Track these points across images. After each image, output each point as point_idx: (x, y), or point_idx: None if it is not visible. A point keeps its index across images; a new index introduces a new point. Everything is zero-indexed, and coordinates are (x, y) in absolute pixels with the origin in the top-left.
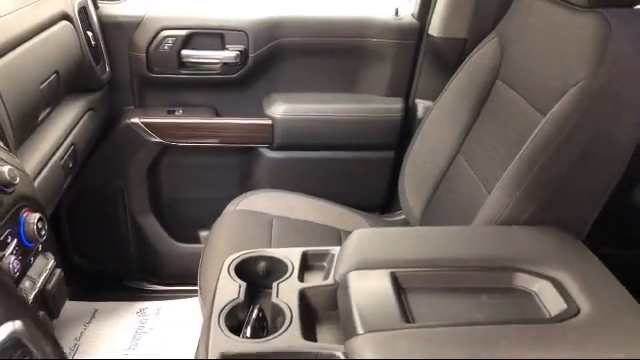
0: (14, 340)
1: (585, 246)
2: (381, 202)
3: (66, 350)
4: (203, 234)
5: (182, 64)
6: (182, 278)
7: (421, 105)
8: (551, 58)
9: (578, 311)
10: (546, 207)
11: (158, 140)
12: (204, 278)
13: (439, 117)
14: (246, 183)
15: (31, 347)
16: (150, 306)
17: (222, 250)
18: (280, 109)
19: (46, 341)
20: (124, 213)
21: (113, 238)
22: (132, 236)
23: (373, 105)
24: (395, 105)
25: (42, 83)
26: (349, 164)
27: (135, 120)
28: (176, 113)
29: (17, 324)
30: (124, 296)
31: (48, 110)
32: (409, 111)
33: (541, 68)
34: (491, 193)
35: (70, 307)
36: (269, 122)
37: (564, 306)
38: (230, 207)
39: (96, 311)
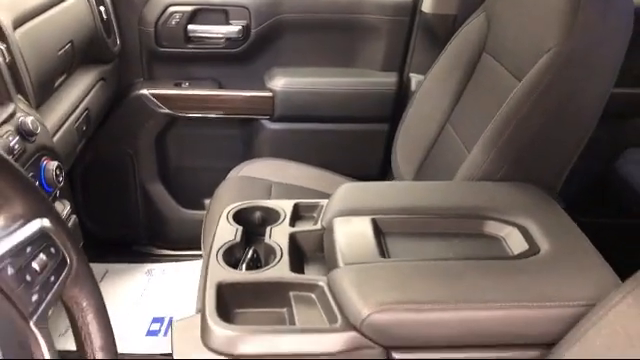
0: (43, 234)
1: (552, 199)
2: (376, 171)
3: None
4: (207, 201)
5: (188, 39)
6: (187, 243)
7: (415, 79)
8: (528, 29)
9: (538, 251)
10: (519, 164)
11: (166, 111)
12: (207, 237)
13: (430, 89)
14: (248, 153)
15: (57, 242)
16: (157, 267)
17: None
18: (280, 82)
19: (69, 240)
20: (134, 181)
21: (123, 205)
22: (141, 203)
23: (369, 79)
24: (390, 79)
25: (59, 50)
26: (345, 135)
27: (144, 92)
28: (182, 85)
29: (45, 221)
30: (133, 259)
31: (64, 77)
32: (403, 85)
33: (520, 39)
34: (470, 153)
35: None
36: (270, 95)
37: (526, 247)
38: (232, 174)
39: (107, 272)
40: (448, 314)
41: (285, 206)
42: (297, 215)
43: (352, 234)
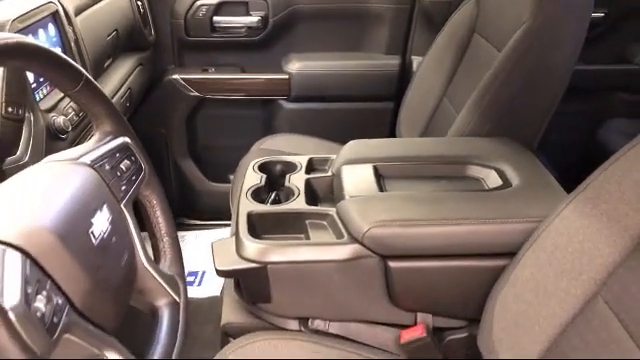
0: (126, 147)
1: (527, 149)
2: None
3: None
4: (232, 176)
5: (214, 29)
6: (215, 213)
7: (416, 61)
8: (509, 8)
9: (510, 185)
10: (500, 123)
11: (195, 94)
12: (234, 202)
13: (428, 69)
14: (267, 130)
15: (136, 154)
16: (189, 234)
17: None
18: (296, 66)
19: (143, 154)
20: (166, 157)
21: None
22: (173, 177)
23: (374, 61)
24: (393, 61)
25: (107, 36)
26: (354, 113)
27: (176, 77)
28: (209, 71)
29: (126, 138)
30: None
31: (110, 60)
32: (405, 66)
33: (502, 17)
34: (458, 115)
35: None
36: (286, 77)
37: (500, 183)
38: (254, 147)
39: (144, 239)
40: (433, 229)
41: (301, 160)
42: (311, 167)
43: (356, 177)
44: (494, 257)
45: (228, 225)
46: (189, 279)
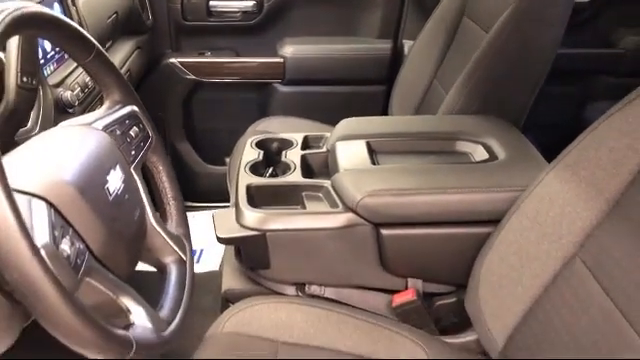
0: (134, 115)
1: (513, 126)
2: None
3: None
4: (227, 159)
5: (210, 13)
6: (212, 195)
7: (407, 45)
8: None
9: (496, 158)
10: (487, 101)
11: (191, 77)
12: (233, 177)
13: (418, 53)
14: (262, 114)
15: (144, 122)
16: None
17: None
18: (290, 50)
19: (150, 123)
20: (164, 140)
21: None
22: (171, 160)
23: (367, 45)
24: (385, 45)
25: (108, 19)
26: (347, 96)
27: (173, 60)
28: (205, 54)
29: (134, 107)
30: None
31: (110, 43)
32: (397, 50)
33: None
34: (447, 94)
35: None
36: (281, 61)
37: (487, 156)
38: (250, 129)
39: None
40: (423, 197)
41: (297, 137)
42: (307, 144)
43: (350, 152)
44: (480, 224)
45: (225, 206)
46: None
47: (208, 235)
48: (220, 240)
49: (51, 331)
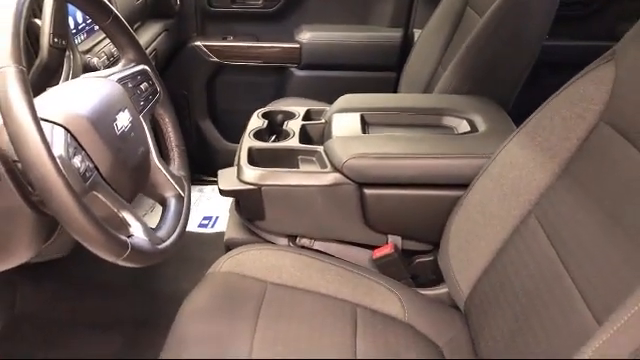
0: (145, 72)
1: (499, 106)
2: None
3: (145, 209)
4: None
5: (233, 0)
6: None
7: (417, 33)
8: None
9: (477, 131)
10: (479, 83)
11: (215, 60)
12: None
13: (426, 40)
14: (279, 96)
15: (153, 79)
16: (207, 188)
17: None
18: (307, 36)
19: (158, 80)
20: (188, 117)
21: None
22: (194, 137)
23: (379, 34)
24: (396, 34)
25: (137, 1)
26: (359, 81)
27: (198, 43)
28: (228, 39)
29: (145, 67)
30: None
31: (139, 24)
32: (407, 38)
33: None
34: (442, 75)
35: None
36: (298, 46)
37: (469, 129)
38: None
39: None
40: (402, 161)
41: (300, 110)
42: (308, 116)
43: (344, 123)
44: (454, 188)
45: None
46: (204, 222)
47: (224, 205)
48: (222, 192)
49: (63, 225)
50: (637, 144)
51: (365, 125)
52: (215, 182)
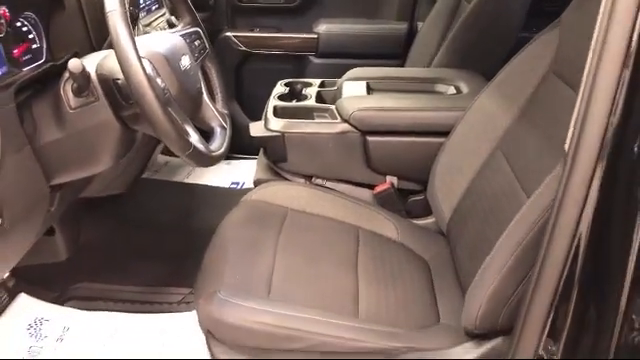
0: (198, 33)
1: (482, 77)
2: None
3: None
4: None
5: None
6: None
7: (420, 26)
8: None
9: (461, 93)
10: (466, 59)
11: (243, 49)
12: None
13: (426, 32)
14: None
15: (204, 38)
16: (234, 161)
17: None
18: (323, 28)
19: (207, 39)
20: None
21: None
22: None
23: (386, 26)
24: (402, 26)
25: None
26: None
27: (228, 34)
28: (254, 30)
29: (199, 29)
30: None
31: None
32: (412, 31)
33: None
34: (437, 53)
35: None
36: (315, 37)
37: (454, 92)
38: None
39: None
40: (399, 113)
41: (316, 81)
42: (323, 85)
43: (353, 88)
44: (440, 135)
45: None
46: (233, 185)
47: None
48: (253, 139)
49: (150, 124)
50: (571, 85)
51: (370, 90)
52: (239, 158)
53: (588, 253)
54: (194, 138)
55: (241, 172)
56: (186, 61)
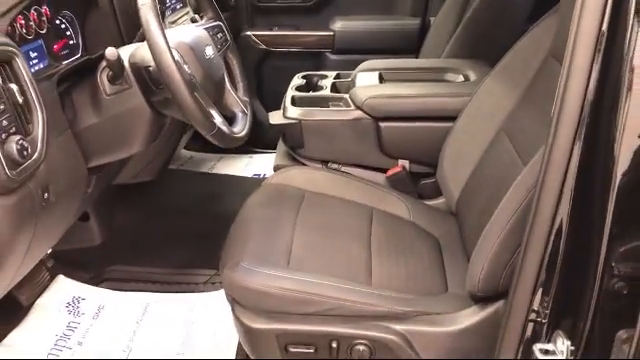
0: (219, 26)
1: (489, 67)
2: None
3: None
4: None
5: None
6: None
7: (433, 21)
8: None
9: (469, 81)
10: (474, 50)
11: (263, 47)
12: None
13: (437, 27)
14: None
15: (225, 31)
16: (255, 155)
17: None
18: (339, 25)
19: (230, 33)
20: None
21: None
22: None
23: (400, 22)
24: (415, 22)
25: None
26: None
27: (249, 33)
28: (273, 29)
29: (220, 23)
30: (239, 152)
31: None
32: (425, 26)
33: None
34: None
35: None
36: (332, 34)
37: (463, 80)
38: None
39: (221, 157)
40: (409, 100)
41: (332, 73)
42: (338, 77)
43: (366, 78)
44: (449, 120)
45: None
46: (254, 176)
47: (270, 167)
48: (272, 126)
49: (179, 106)
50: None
51: (382, 80)
52: (259, 152)
53: (572, 210)
54: (218, 120)
55: (263, 164)
56: (210, 51)
